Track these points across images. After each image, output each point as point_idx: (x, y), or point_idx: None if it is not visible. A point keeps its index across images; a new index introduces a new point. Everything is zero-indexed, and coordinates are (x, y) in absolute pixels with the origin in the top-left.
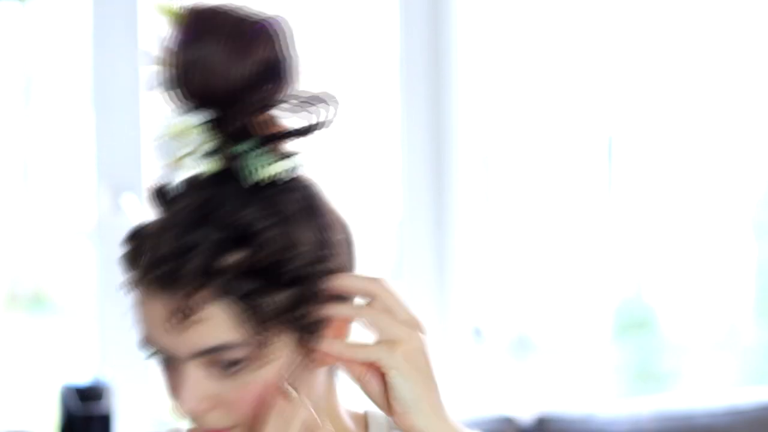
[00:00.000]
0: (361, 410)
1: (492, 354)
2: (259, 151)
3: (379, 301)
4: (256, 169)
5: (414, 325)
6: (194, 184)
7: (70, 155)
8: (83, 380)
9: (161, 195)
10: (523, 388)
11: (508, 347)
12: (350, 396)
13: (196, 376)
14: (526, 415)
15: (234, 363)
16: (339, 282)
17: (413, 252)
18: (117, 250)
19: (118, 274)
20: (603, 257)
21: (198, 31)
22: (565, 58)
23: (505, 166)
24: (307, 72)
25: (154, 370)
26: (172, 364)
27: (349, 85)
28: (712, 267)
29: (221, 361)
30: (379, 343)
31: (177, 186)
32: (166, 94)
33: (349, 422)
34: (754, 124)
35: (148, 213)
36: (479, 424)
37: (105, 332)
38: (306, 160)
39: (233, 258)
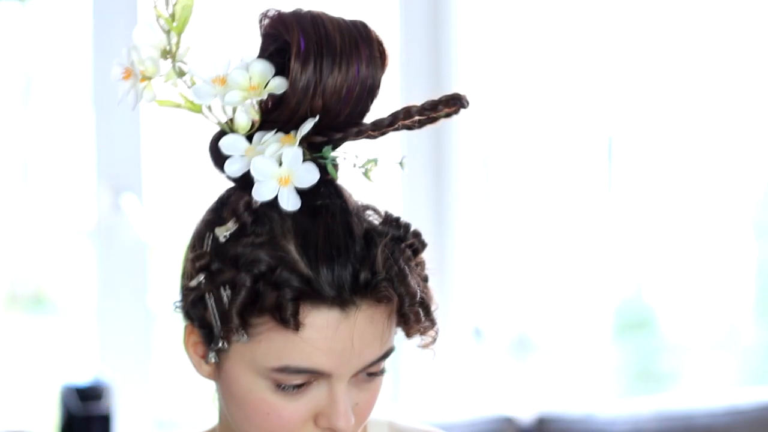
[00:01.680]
0: None
1: (492, 354)
2: (335, 156)
3: None
4: (368, 171)
5: None
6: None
7: (70, 155)
8: (83, 380)
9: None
10: (523, 388)
11: (508, 347)
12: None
13: (347, 391)
14: (526, 415)
15: (381, 368)
16: None
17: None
18: (117, 250)
19: (118, 274)
20: (603, 257)
21: (328, 43)
22: (564, 59)
23: (505, 166)
24: None
25: (154, 370)
26: (295, 390)
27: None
28: (712, 267)
29: (379, 366)
30: None
31: (313, 192)
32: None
33: None
34: (754, 124)
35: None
36: (479, 424)
37: (105, 332)
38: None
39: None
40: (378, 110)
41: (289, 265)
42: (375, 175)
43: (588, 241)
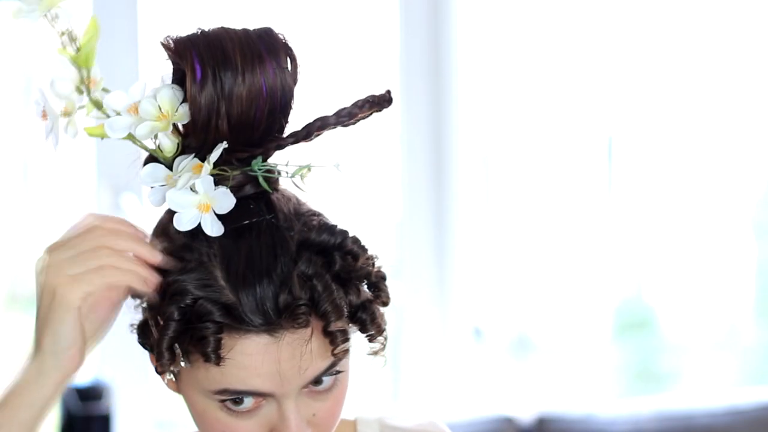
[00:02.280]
0: (350, 416)
1: (492, 354)
2: (269, 166)
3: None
4: (301, 177)
5: None
6: (236, 213)
7: (70, 155)
8: (83, 380)
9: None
10: (523, 388)
11: (508, 347)
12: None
13: (298, 404)
14: (526, 415)
15: (337, 373)
16: None
17: (413, 252)
18: None
19: None
20: (603, 257)
21: (225, 60)
22: (564, 59)
23: (505, 166)
24: (309, 73)
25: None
26: (242, 408)
27: (349, 85)
28: (712, 267)
29: (330, 374)
30: None
31: (230, 215)
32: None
33: None
34: (754, 124)
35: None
36: (479, 424)
37: None
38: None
39: (339, 271)
40: (382, 112)
41: (213, 295)
42: (309, 182)
43: (588, 241)
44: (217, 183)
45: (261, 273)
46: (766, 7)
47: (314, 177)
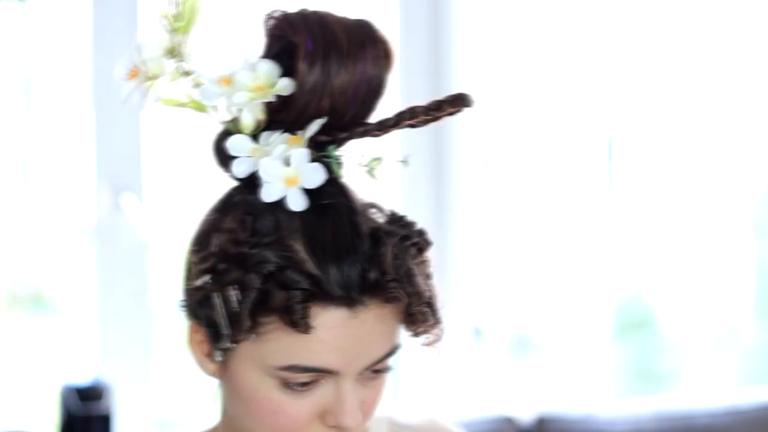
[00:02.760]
0: None
1: (492, 354)
2: (340, 155)
3: None
4: (372, 169)
5: None
6: (325, 190)
7: (70, 155)
8: (83, 380)
9: (269, 207)
10: (523, 388)
11: (508, 347)
12: None
13: (354, 388)
14: (526, 415)
15: (387, 363)
16: None
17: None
18: (117, 249)
19: (118, 274)
20: (603, 257)
21: (335, 42)
22: (564, 59)
23: (505, 166)
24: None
25: (154, 369)
26: (302, 387)
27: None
28: (712, 267)
29: (385, 363)
30: None
31: (317, 191)
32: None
33: None
34: (754, 124)
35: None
36: (479, 424)
37: (105, 332)
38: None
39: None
40: (379, 109)
41: (298, 266)
42: (379, 174)
43: (588, 241)
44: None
45: (346, 249)
46: (766, 7)
47: (383, 168)
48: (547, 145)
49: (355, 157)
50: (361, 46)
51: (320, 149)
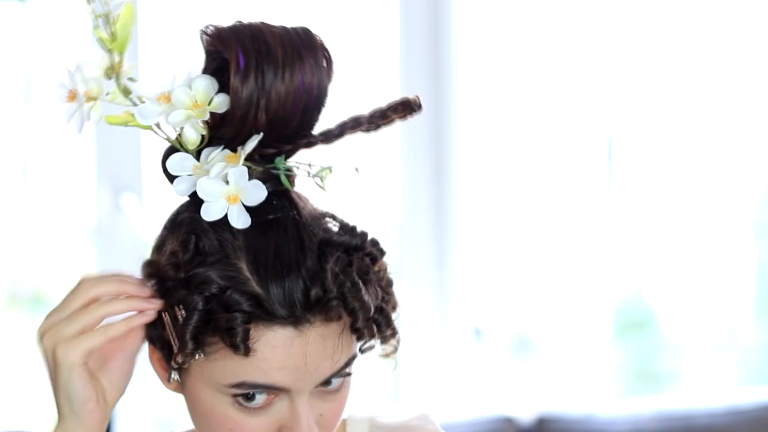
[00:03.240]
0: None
1: (492, 354)
2: (290, 165)
3: None
4: (322, 179)
5: None
6: (267, 206)
7: (70, 155)
8: None
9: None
10: (523, 388)
11: (508, 347)
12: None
13: (310, 403)
14: (526, 415)
15: (347, 376)
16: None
17: (413, 252)
18: (117, 249)
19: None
20: (603, 257)
21: (268, 54)
22: (564, 59)
23: (505, 166)
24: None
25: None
26: (254, 405)
27: (349, 85)
28: (712, 267)
29: (341, 376)
30: None
31: (260, 205)
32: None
33: None
34: (754, 124)
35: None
36: (479, 424)
37: None
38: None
39: (360, 272)
40: (406, 119)
41: (240, 286)
42: (330, 183)
43: (588, 241)
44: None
45: (290, 266)
46: (766, 7)
47: (334, 178)
48: (547, 145)
49: (305, 168)
50: (297, 56)
51: (267, 161)
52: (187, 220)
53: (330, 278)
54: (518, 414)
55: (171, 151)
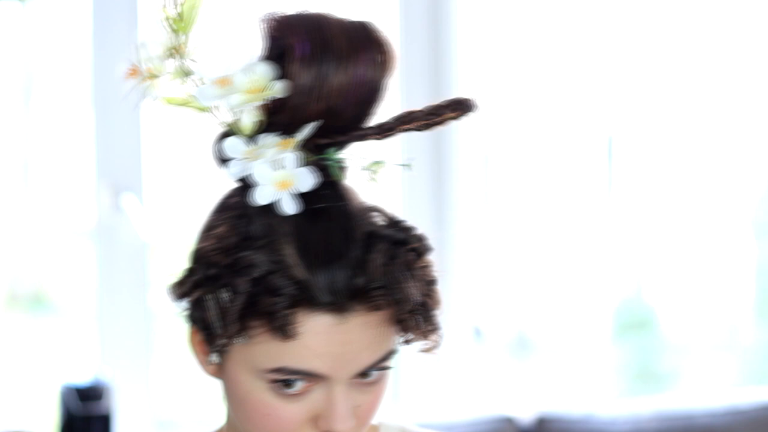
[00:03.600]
0: (374, 421)
1: (492, 354)
2: (342, 158)
3: None
4: (374, 173)
5: None
6: (310, 194)
7: (70, 155)
8: (83, 380)
9: (258, 210)
10: (523, 388)
11: (508, 347)
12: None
13: (348, 392)
14: (526, 415)
15: (385, 369)
16: None
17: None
18: (117, 249)
19: (118, 274)
20: (603, 257)
21: (328, 44)
22: (565, 58)
23: (505, 166)
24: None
25: (154, 370)
26: (293, 391)
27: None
28: (712, 267)
29: (379, 369)
30: None
31: (310, 195)
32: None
33: None
34: (754, 124)
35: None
36: (479, 424)
37: (105, 332)
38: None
39: (406, 266)
40: (379, 111)
41: (285, 270)
42: (381, 177)
43: (588, 241)
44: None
45: (336, 254)
46: (766, 7)
47: (385, 172)
48: (547, 145)
49: (357, 161)
50: (358, 49)
51: (320, 152)
52: (236, 205)
53: (374, 268)
54: (518, 414)
55: (225, 135)
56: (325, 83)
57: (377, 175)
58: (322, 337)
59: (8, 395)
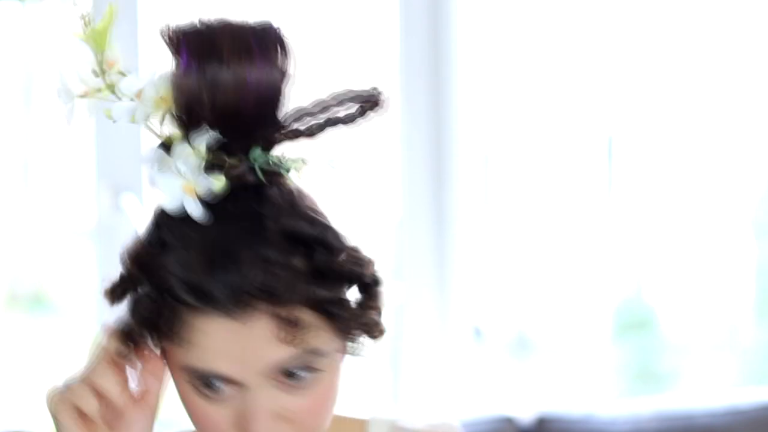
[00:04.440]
0: (364, 416)
1: (492, 354)
2: (269, 155)
3: None
4: (288, 171)
5: None
6: (226, 198)
7: (70, 155)
8: None
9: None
10: (523, 388)
11: (508, 347)
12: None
13: (267, 395)
14: (526, 415)
15: (314, 370)
16: None
17: (413, 252)
18: (117, 250)
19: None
20: (603, 257)
21: (212, 50)
22: (565, 58)
23: (505, 165)
24: (307, 73)
25: None
26: (213, 393)
27: (349, 84)
28: (712, 267)
29: (304, 367)
30: None
31: (210, 202)
32: (180, 115)
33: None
34: (754, 124)
35: (174, 234)
36: (479, 424)
37: None
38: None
39: (317, 264)
40: (378, 108)
41: (184, 275)
42: (306, 176)
43: (588, 241)
44: (214, 169)
45: (228, 256)
46: (766, 7)
47: (311, 172)
48: (547, 144)
49: (281, 160)
50: (245, 50)
51: (245, 153)
52: (156, 212)
53: (258, 268)
54: (518, 414)
55: (161, 147)
56: (207, 88)
57: (300, 173)
58: (217, 339)
59: (8, 395)
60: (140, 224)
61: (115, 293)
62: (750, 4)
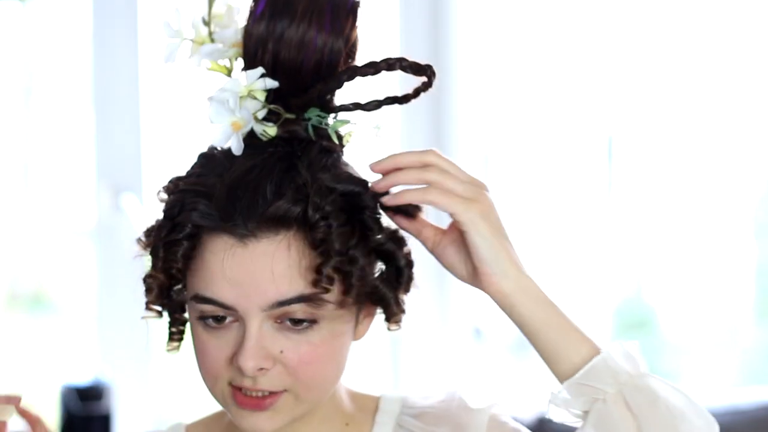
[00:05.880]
0: (375, 393)
1: (492, 354)
2: (324, 117)
3: (437, 167)
4: (338, 135)
5: (480, 185)
6: (262, 143)
7: (70, 155)
8: (83, 380)
9: (223, 152)
10: (523, 388)
11: (508, 347)
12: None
13: (263, 331)
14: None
15: (312, 320)
16: (394, 158)
17: (413, 252)
18: (117, 249)
19: (118, 274)
20: (603, 257)
21: (286, 6)
22: (565, 58)
23: (505, 165)
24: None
25: (154, 370)
26: (217, 325)
27: (349, 84)
28: (712, 267)
29: (304, 314)
30: (454, 197)
31: (241, 146)
32: (249, 61)
33: (347, 403)
34: (754, 124)
35: (198, 173)
36: None
37: (105, 332)
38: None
39: (335, 208)
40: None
41: (202, 194)
42: (350, 137)
43: (588, 241)
44: (269, 120)
45: (255, 186)
46: (766, 7)
47: (356, 137)
48: (547, 144)
49: (335, 124)
50: (318, 13)
51: (302, 111)
52: (209, 148)
53: (289, 197)
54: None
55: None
56: (275, 38)
57: (345, 136)
58: (222, 260)
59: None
60: (140, 224)
61: (150, 232)
62: (750, 5)
